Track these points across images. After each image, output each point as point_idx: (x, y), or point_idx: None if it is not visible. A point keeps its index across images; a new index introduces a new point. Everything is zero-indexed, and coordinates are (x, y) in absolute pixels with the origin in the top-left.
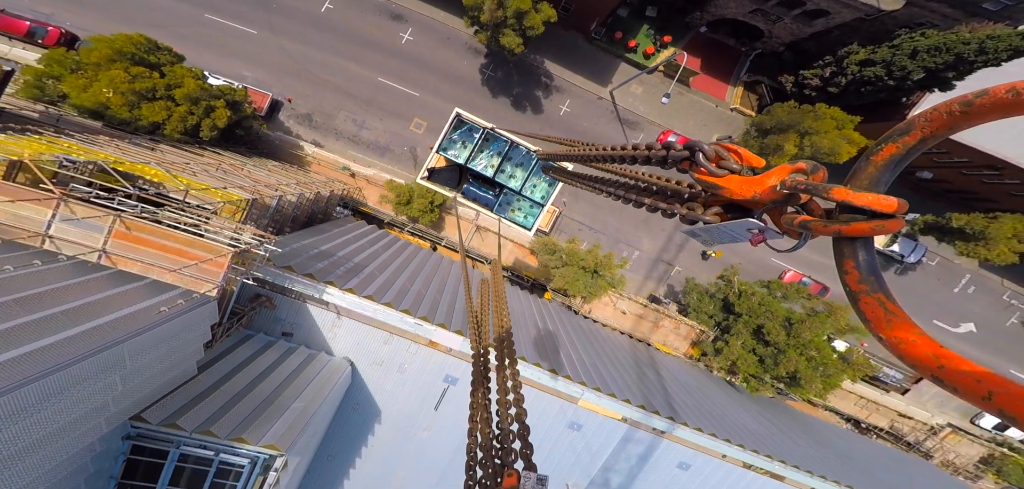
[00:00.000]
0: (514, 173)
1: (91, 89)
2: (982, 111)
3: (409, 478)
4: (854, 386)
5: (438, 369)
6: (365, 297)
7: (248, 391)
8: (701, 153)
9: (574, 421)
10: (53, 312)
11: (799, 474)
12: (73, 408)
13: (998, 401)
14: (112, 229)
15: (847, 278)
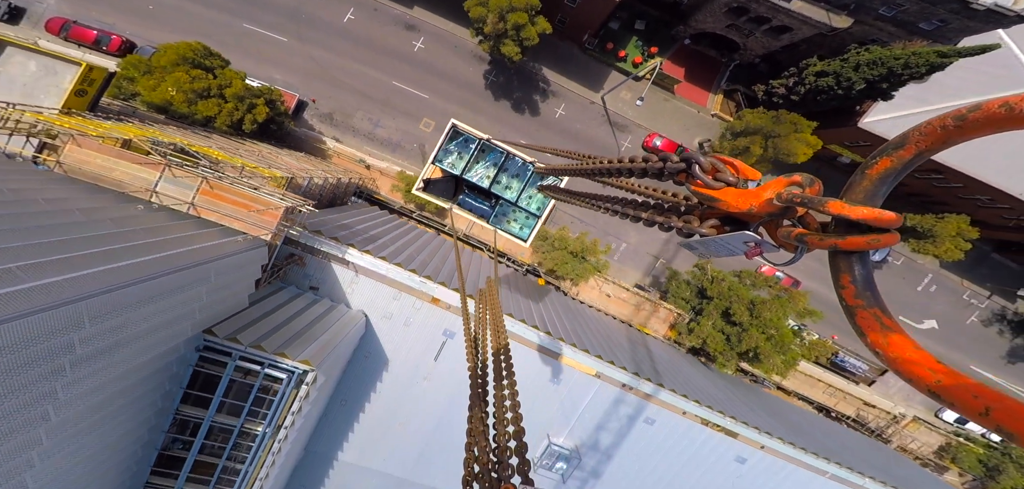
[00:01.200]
0: (510, 184)
1: (159, 88)
2: (975, 125)
3: (410, 422)
4: (823, 375)
5: (438, 324)
6: (379, 258)
7: (285, 324)
8: (697, 165)
9: (555, 376)
10: (165, 238)
11: (748, 430)
12: (174, 308)
13: (995, 417)
14: (199, 188)
15: (844, 292)
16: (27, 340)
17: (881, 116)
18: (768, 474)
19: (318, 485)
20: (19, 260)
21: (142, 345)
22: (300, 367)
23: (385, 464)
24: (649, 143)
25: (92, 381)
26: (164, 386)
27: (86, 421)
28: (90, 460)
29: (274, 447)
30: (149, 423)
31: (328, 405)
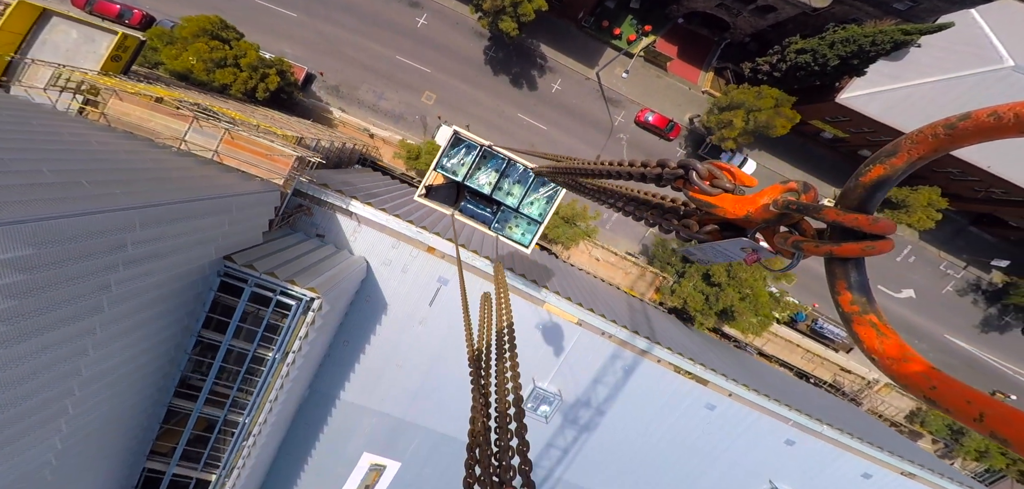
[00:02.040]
0: (511, 190)
1: (181, 58)
2: (965, 134)
3: (406, 362)
4: (802, 341)
5: (433, 271)
6: (380, 209)
7: (294, 261)
8: (695, 172)
9: (540, 322)
10: (194, 177)
11: (717, 378)
12: (202, 230)
13: (989, 423)
14: (222, 138)
15: (840, 299)
16: (90, 233)
17: (858, 92)
18: (735, 421)
19: (322, 423)
20: (85, 182)
21: (177, 258)
22: (308, 294)
23: (383, 404)
24: (641, 118)
25: (137, 283)
26: (189, 305)
27: (131, 319)
28: (130, 362)
29: (283, 371)
30: (176, 339)
31: (332, 345)
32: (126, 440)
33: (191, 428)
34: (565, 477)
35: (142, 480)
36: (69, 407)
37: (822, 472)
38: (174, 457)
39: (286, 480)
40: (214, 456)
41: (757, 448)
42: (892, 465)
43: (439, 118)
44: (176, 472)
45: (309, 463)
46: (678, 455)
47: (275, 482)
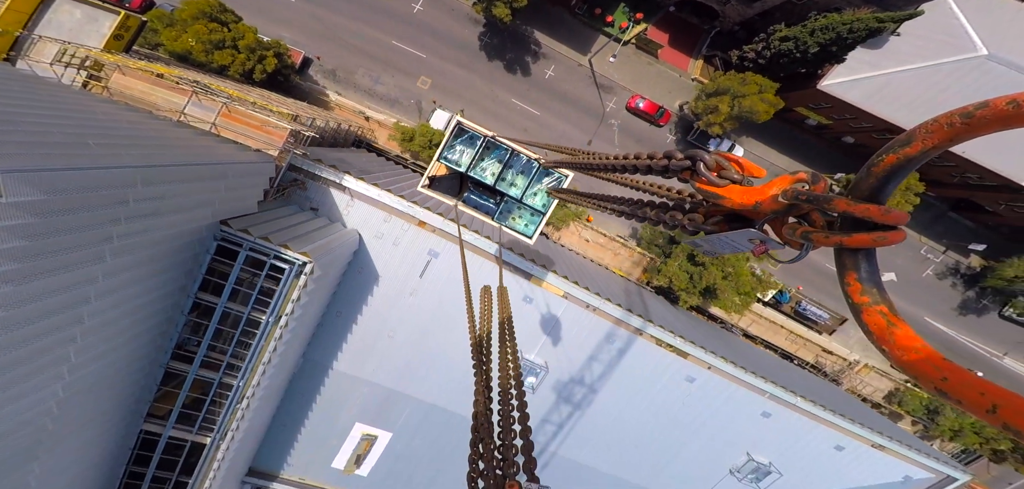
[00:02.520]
0: (515, 181)
1: (180, 39)
2: (982, 123)
3: (398, 332)
4: (785, 322)
5: (424, 244)
6: (373, 184)
7: (287, 229)
8: (702, 163)
9: (528, 297)
10: (192, 146)
11: (696, 350)
12: (199, 194)
13: (1002, 414)
14: (219, 112)
15: (849, 290)
16: (95, 186)
17: (839, 79)
18: (714, 393)
19: (314, 393)
20: (91, 142)
21: (175, 218)
22: (300, 258)
23: (374, 374)
24: (632, 104)
25: (138, 238)
26: (187, 265)
27: (131, 273)
28: (130, 316)
29: (276, 334)
30: (173, 299)
31: (325, 315)
32: (124, 399)
33: (187, 390)
34: (549, 448)
35: (139, 442)
36: (71, 354)
37: (797, 443)
38: (170, 419)
39: (280, 450)
40: (209, 419)
41: (735, 420)
42: (863, 437)
43: (434, 103)
44: (172, 435)
45: (302, 433)
46: (660, 427)
47: (269, 452)
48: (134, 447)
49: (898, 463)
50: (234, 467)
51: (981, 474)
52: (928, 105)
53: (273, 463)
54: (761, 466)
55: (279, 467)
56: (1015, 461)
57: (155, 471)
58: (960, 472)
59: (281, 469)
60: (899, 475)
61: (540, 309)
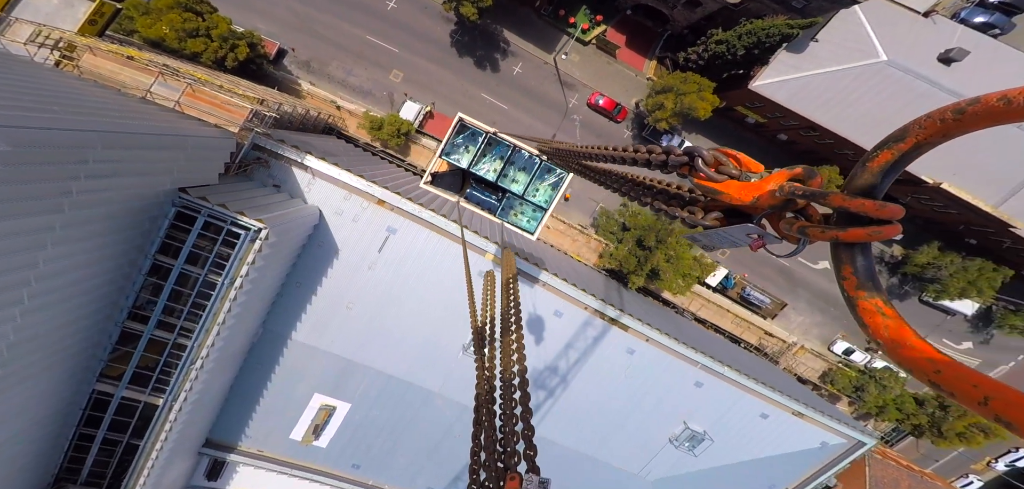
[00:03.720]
0: (517, 177)
1: (155, 27)
2: (973, 118)
3: (356, 304)
4: (731, 306)
5: (383, 221)
6: (333, 164)
7: (247, 200)
8: (700, 159)
9: (483, 270)
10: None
11: (634, 322)
12: (159, 161)
13: (994, 407)
14: (183, 91)
15: (845, 284)
16: (57, 144)
17: (767, 80)
18: (652, 364)
19: (273, 363)
20: (57, 108)
21: (134, 181)
22: (256, 225)
23: (333, 345)
24: (592, 100)
25: (96, 196)
26: (144, 226)
27: (87, 227)
28: (85, 269)
29: (231, 296)
30: (130, 258)
31: (284, 286)
32: (77, 356)
33: (142, 350)
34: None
35: (91, 402)
36: (24, 297)
37: (728, 413)
38: (124, 379)
39: (238, 421)
40: (163, 379)
41: (672, 391)
42: (785, 405)
43: (405, 95)
44: (125, 395)
45: (261, 404)
46: (605, 398)
47: (227, 423)
48: (85, 408)
49: (816, 430)
50: (189, 434)
51: (910, 452)
52: (840, 104)
53: (231, 434)
54: (696, 434)
55: (237, 439)
56: (932, 435)
57: (106, 433)
58: (867, 437)
59: (239, 441)
60: (817, 441)
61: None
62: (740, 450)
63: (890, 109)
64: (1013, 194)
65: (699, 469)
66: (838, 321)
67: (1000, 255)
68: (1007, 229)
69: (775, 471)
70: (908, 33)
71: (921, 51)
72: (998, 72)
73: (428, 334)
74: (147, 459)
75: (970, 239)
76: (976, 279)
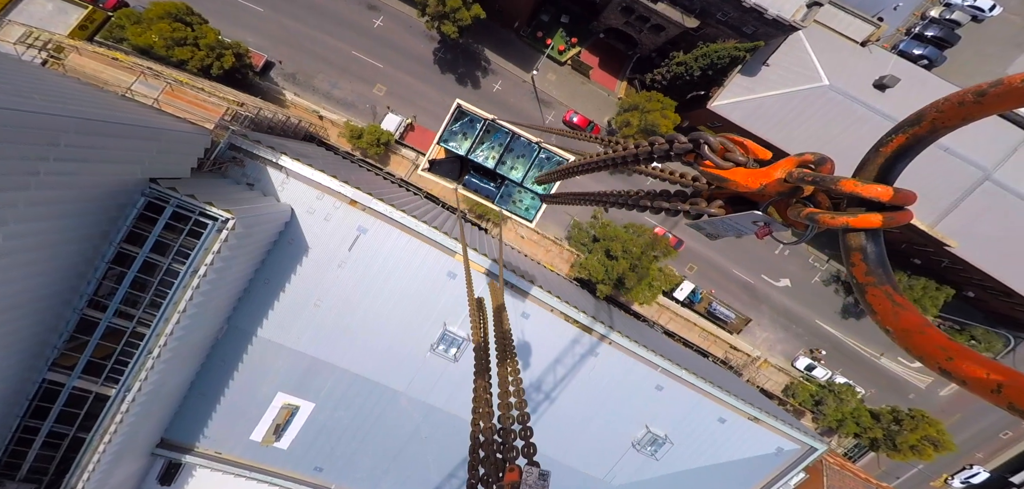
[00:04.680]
0: (515, 165)
1: (144, 35)
2: (995, 100)
3: (324, 301)
4: (698, 320)
5: (354, 221)
6: (307, 164)
7: (218, 196)
8: (707, 145)
9: (450, 270)
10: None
11: (597, 325)
12: (131, 150)
13: (1007, 394)
14: (163, 89)
15: (854, 270)
16: (28, 126)
17: (722, 101)
18: (614, 365)
19: (237, 361)
20: (35, 97)
21: (104, 168)
22: (223, 215)
23: (298, 342)
24: (567, 118)
25: (64, 178)
26: (112, 213)
27: (53, 207)
28: (47, 249)
29: (194, 283)
30: (94, 243)
31: (252, 282)
32: (28, 342)
33: (99, 337)
34: (462, 415)
35: (40, 391)
36: None
37: (687, 417)
38: (77, 367)
39: (197, 421)
40: (117, 369)
41: (634, 395)
42: (742, 410)
43: (388, 108)
44: (76, 385)
45: (222, 403)
46: (570, 400)
47: (185, 423)
48: (33, 397)
49: (772, 435)
50: (141, 431)
51: (872, 469)
52: (790, 125)
53: (188, 435)
54: (658, 437)
55: (195, 439)
56: (887, 448)
57: (52, 426)
58: (819, 443)
59: (197, 441)
60: (772, 447)
61: (461, 283)
62: (700, 454)
63: (833, 130)
64: (947, 214)
65: (661, 474)
66: (800, 338)
67: (941, 275)
68: (943, 248)
69: (734, 477)
70: (848, 61)
71: (858, 78)
72: (925, 98)
73: (395, 333)
74: (93, 453)
75: (914, 259)
76: (921, 297)
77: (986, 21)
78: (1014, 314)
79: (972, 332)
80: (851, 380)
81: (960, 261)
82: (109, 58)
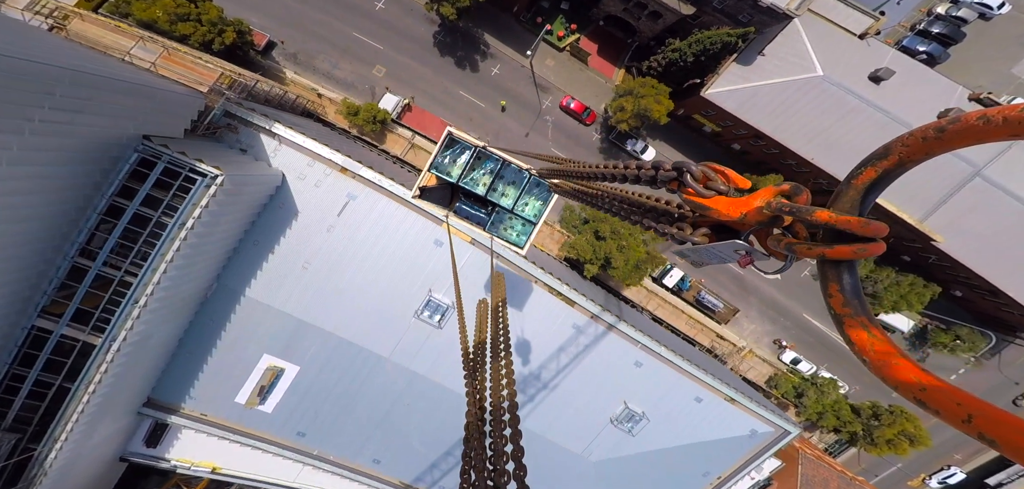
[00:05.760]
0: (506, 191)
1: (149, 10)
2: (954, 137)
3: (313, 263)
4: (686, 308)
5: (344, 188)
6: (300, 132)
7: (211, 156)
8: (689, 174)
9: (437, 239)
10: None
11: (580, 298)
12: (126, 106)
13: (977, 424)
14: (160, 54)
15: (832, 301)
16: (24, 73)
17: (718, 88)
18: (595, 340)
19: (225, 320)
20: (38, 53)
21: (99, 121)
22: (213, 171)
23: (286, 304)
24: (564, 103)
25: (58, 127)
26: (105, 165)
27: (46, 154)
28: (38, 194)
29: (181, 236)
30: (87, 193)
31: (242, 243)
32: (17, 288)
33: (89, 285)
34: (448, 385)
35: (29, 338)
36: None
37: (666, 396)
38: (66, 314)
39: (183, 381)
40: (104, 318)
41: (614, 369)
42: (719, 390)
43: (387, 89)
44: (65, 333)
45: (209, 363)
46: (550, 375)
47: (172, 383)
48: (22, 344)
49: (747, 417)
50: (128, 386)
51: (852, 465)
52: (783, 115)
53: (174, 395)
54: (635, 414)
55: (181, 400)
56: (865, 442)
57: (39, 374)
58: (793, 426)
59: (183, 402)
60: (747, 429)
61: (445, 252)
62: (675, 433)
63: (825, 121)
64: (936, 209)
65: (638, 452)
66: (788, 331)
67: (928, 272)
68: (930, 243)
69: (709, 457)
70: (844, 52)
71: (854, 69)
72: (919, 92)
73: (381, 297)
74: (78, 404)
75: (903, 255)
76: (907, 294)
77: (994, 19)
78: (999, 314)
79: (957, 331)
80: (836, 376)
81: (947, 258)
82: (112, 25)
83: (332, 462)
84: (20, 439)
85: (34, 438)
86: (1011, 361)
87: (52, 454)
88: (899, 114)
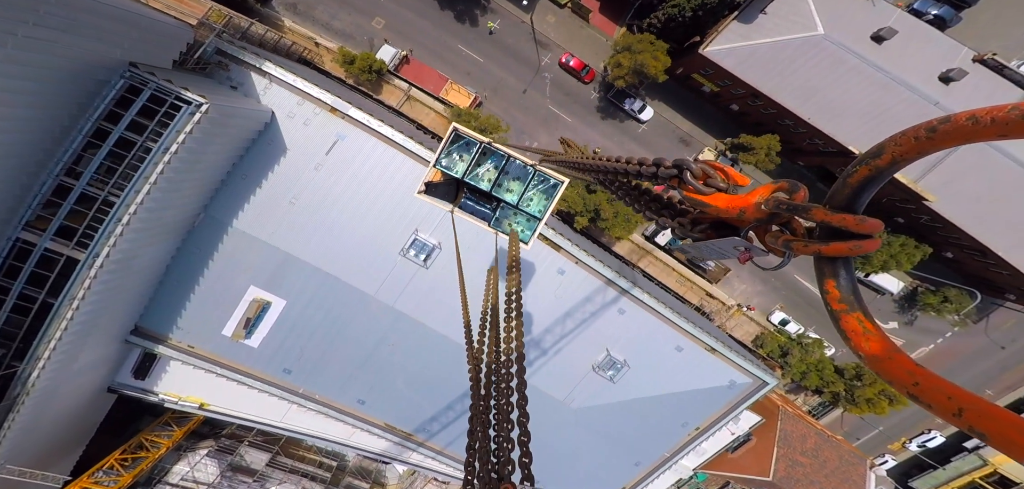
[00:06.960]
0: (511, 187)
1: None
2: (945, 136)
3: (300, 198)
4: (676, 266)
5: (333, 128)
6: (290, 72)
7: (198, 87)
8: (689, 171)
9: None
10: None
11: (564, 243)
12: (112, 31)
13: (968, 418)
14: None
15: (828, 297)
16: None
17: (716, 46)
18: (579, 284)
19: (213, 249)
20: None
21: (84, 43)
22: (198, 99)
23: (273, 236)
24: (563, 60)
25: (42, 44)
26: (90, 89)
27: (27, 71)
28: (21, 108)
29: (165, 159)
30: (72, 115)
31: (229, 177)
32: (2, 194)
33: (73, 202)
34: (431, 326)
35: (13, 251)
36: None
37: (647, 343)
38: (50, 227)
39: (171, 311)
40: (88, 234)
41: (597, 318)
42: (700, 339)
43: (386, 41)
44: (49, 247)
45: (196, 293)
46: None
47: (160, 313)
48: (7, 255)
49: (726, 367)
50: (113, 310)
51: (836, 428)
52: (781, 74)
53: (162, 325)
54: (617, 361)
55: (168, 330)
56: (847, 402)
57: (23, 287)
58: (771, 378)
59: (170, 332)
60: (726, 380)
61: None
62: (656, 381)
63: (824, 81)
64: (932, 169)
65: (619, 400)
66: (778, 292)
67: (921, 233)
68: (921, 202)
69: (688, 407)
70: (847, 11)
71: (857, 29)
72: (921, 52)
73: (368, 234)
74: (61, 320)
75: (897, 216)
76: (897, 254)
77: None
78: (988, 275)
79: (945, 292)
80: (823, 337)
81: (940, 218)
82: None
83: (318, 401)
84: (4, 355)
85: (17, 356)
86: (998, 325)
87: (35, 373)
88: (899, 75)
